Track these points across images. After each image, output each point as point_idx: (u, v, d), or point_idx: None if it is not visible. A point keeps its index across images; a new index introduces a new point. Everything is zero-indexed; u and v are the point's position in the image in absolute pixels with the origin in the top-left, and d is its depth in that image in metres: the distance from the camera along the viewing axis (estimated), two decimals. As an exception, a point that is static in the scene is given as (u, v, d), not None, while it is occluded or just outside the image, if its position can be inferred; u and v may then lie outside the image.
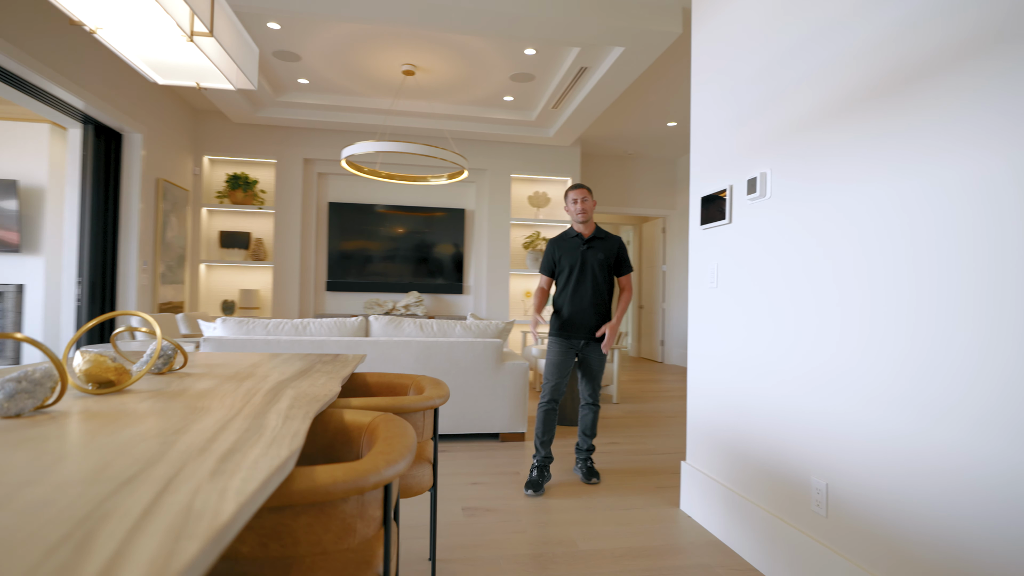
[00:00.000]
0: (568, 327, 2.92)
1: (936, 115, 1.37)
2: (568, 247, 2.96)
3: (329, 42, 4.80)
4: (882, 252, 1.52)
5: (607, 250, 2.94)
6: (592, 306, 2.90)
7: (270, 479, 0.72)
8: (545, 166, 7.29)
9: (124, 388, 1.31)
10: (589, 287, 2.90)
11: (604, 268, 2.92)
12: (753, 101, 2.12)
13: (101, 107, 4.80)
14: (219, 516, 0.57)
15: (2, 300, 6.49)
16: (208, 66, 1.64)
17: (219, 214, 6.93)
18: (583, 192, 2.92)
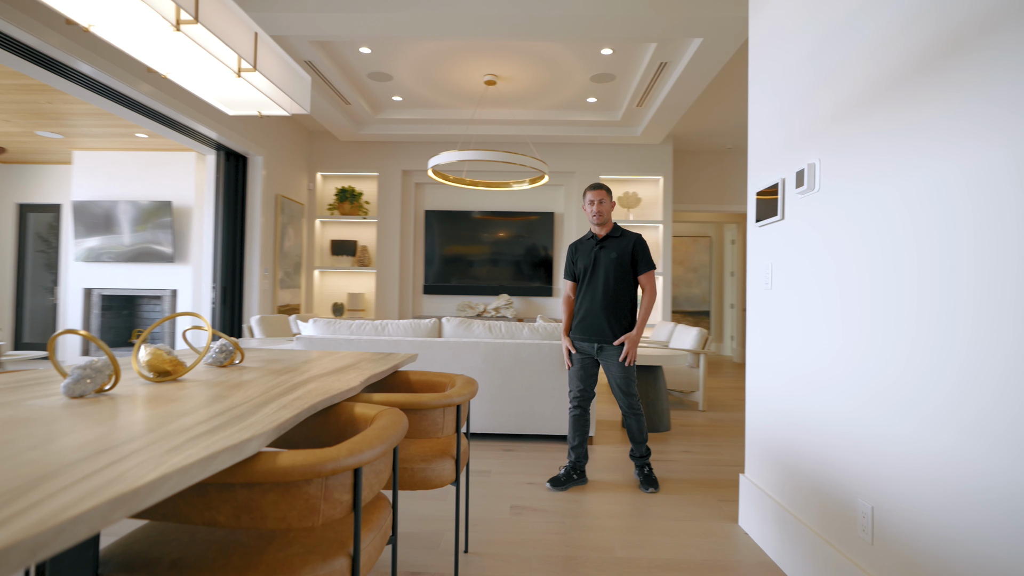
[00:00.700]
0: (577, 329, 2.86)
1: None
2: (584, 249, 2.89)
3: (416, 60, 5.11)
4: (940, 252, 1.35)
5: (621, 248, 2.80)
6: (602, 308, 2.78)
7: (211, 457, 0.84)
8: (635, 166, 7.13)
9: (178, 377, 1.54)
10: (600, 288, 2.79)
11: (618, 267, 2.78)
12: (803, 85, 1.96)
13: (230, 136, 5.51)
14: (136, 482, 0.69)
15: (160, 302, 7.66)
16: (261, 97, 1.87)
17: (330, 224, 7.61)
18: (600, 193, 2.82)
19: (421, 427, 1.69)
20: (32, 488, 0.65)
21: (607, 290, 2.78)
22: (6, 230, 8.15)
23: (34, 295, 8.27)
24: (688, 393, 5.11)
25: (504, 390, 3.62)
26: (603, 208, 2.81)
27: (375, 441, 1.12)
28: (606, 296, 2.78)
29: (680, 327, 5.30)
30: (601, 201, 2.81)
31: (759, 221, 2.27)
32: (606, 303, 2.78)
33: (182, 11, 1.35)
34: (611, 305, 2.78)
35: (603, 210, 2.81)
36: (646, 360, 3.98)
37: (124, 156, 7.42)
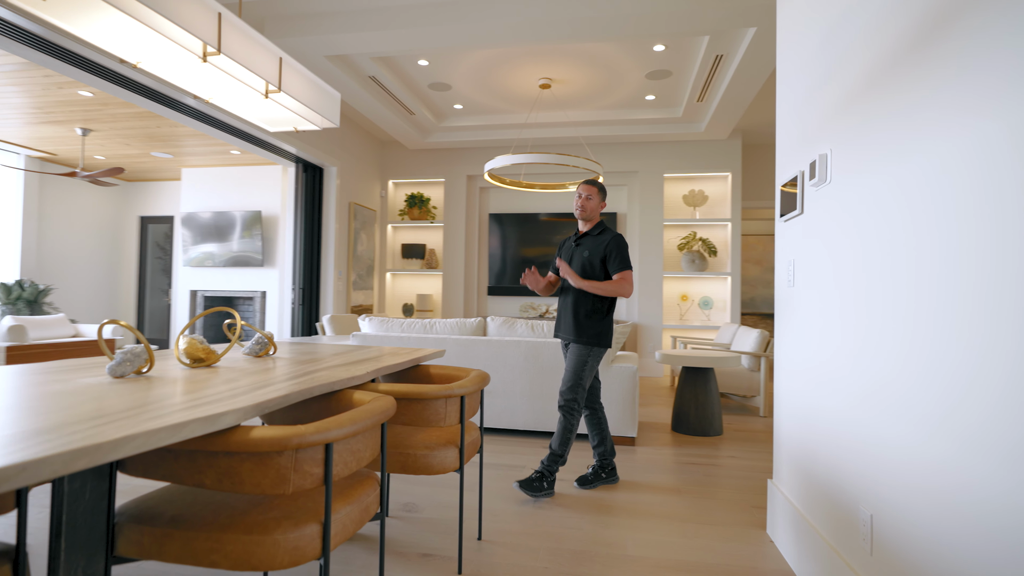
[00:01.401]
0: (557, 327, 2.86)
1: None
2: (566, 246, 2.90)
3: (471, 69, 5.29)
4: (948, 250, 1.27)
5: (593, 247, 2.75)
6: (571, 306, 2.76)
7: (181, 425, 0.99)
8: (700, 162, 6.91)
9: (210, 364, 1.75)
10: (571, 287, 2.78)
11: (588, 266, 2.74)
12: (815, 74, 1.87)
13: (307, 150, 5.98)
14: (97, 440, 0.85)
15: (252, 303, 8.42)
16: (292, 116, 2.08)
17: (401, 229, 8.01)
18: (590, 189, 2.78)
19: (424, 416, 1.80)
20: (35, 435, 0.83)
21: (576, 289, 2.75)
22: (131, 240, 9.30)
23: (152, 296, 9.36)
24: (748, 398, 4.89)
25: (545, 388, 3.67)
26: (587, 204, 2.76)
27: (346, 422, 1.24)
28: (572, 294, 2.76)
29: (742, 329, 5.08)
30: (588, 197, 2.77)
31: (783, 216, 2.18)
32: (573, 301, 2.76)
33: (207, 45, 1.56)
34: (577, 303, 2.74)
35: (587, 205, 2.76)
36: (695, 361, 3.88)
37: (222, 171, 8.25)
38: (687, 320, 7.08)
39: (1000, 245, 1.01)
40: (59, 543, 1.05)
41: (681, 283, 7.17)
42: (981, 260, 1.06)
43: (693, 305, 7.11)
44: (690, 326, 6.81)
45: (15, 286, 7.11)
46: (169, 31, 1.48)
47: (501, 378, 3.73)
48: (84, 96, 5.32)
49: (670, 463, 3.28)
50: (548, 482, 2.66)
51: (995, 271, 1.02)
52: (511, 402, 3.72)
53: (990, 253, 1.03)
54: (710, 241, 6.92)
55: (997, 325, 1.01)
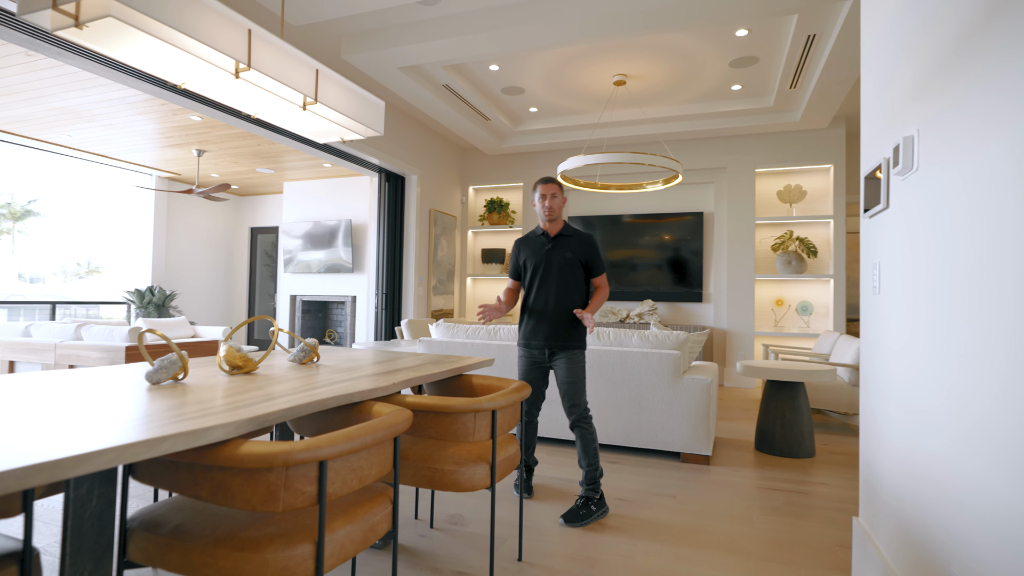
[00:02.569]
0: (531, 335, 2.66)
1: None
2: (533, 246, 2.70)
3: (543, 70, 5.21)
4: None
5: (575, 248, 2.63)
6: (556, 312, 2.60)
7: (159, 440, 0.99)
8: (797, 155, 6.32)
9: (248, 371, 1.80)
10: (553, 290, 2.61)
11: (572, 268, 2.61)
12: (904, 33, 1.58)
13: (389, 160, 6.20)
14: (87, 447, 0.85)
15: (344, 307, 8.89)
16: (336, 127, 2.11)
17: (481, 234, 8.09)
18: (552, 187, 2.64)
19: (452, 430, 1.74)
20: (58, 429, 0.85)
21: (561, 292, 2.61)
22: (243, 249, 10.20)
23: (261, 300, 10.20)
24: (848, 415, 4.36)
25: (610, 399, 3.49)
26: (555, 203, 2.65)
27: (340, 439, 1.20)
28: (560, 299, 2.61)
29: (843, 338, 4.55)
30: (553, 196, 2.64)
31: (867, 211, 1.88)
32: (561, 306, 2.61)
33: (239, 63, 1.61)
34: (566, 308, 2.61)
35: (555, 205, 2.65)
36: (781, 374, 3.50)
37: (317, 184, 8.81)
38: (782, 327, 6.50)
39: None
40: (65, 547, 1.09)
41: (775, 287, 6.59)
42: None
43: (789, 311, 6.51)
44: (786, 334, 6.24)
45: (147, 292, 8.03)
46: (200, 51, 1.54)
47: (565, 387, 3.59)
48: (194, 120, 5.88)
49: (747, 487, 2.97)
50: (596, 503, 2.52)
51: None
52: (575, 413, 3.57)
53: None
54: (809, 240, 6.30)
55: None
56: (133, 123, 5.98)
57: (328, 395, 1.48)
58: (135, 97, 5.21)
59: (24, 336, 5.30)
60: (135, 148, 7.05)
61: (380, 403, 1.59)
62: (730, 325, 6.53)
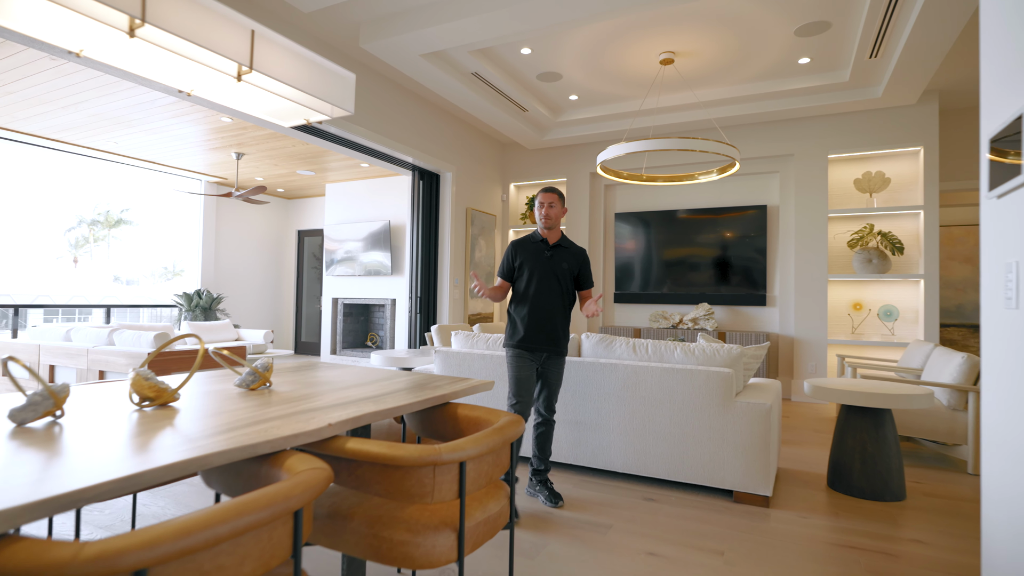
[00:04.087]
0: (530, 339, 2.71)
1: None
2: (531, 251, 2.76)
3: (581, 51, 4.72)
4: None
5: (572, 260, 2.78)
6: (556, 317, 2.72)
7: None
8: (878, 137, 5.50)
9: (164, 403, 1.46)
10: (554, 296, 2.72)
11: (568, 278, 2.77)
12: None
13: (422, 157, 5.89)
14: None
15: (384, 310, 8.71)
16: (289, 105, 1.75)
17: (523, 234, 7.67)
18: (552, 197, 2.74)
19: (403, 488, 1.32)
20: None
21: (559, 300, 2.74)
22: (290, 251, 10.26)
23: (308, 303, 10.22)
24: (948, 445, 3.62)
25: (648, 424, 2.98)
26: (553, 212, 2.74)
27: (166, 537, 0.80)
28: (560, 305, 2.74)
29: (939, 351, 3.80)
30: (551, 205, 2.73)
31: (993, 188, 1.31)
32: (560, 312, 2.74)
33: (133, 18, 1.26)
34: (564, 314, 2.76)
35: (553, 214, 2.74)
36: (863, 399, 2.87)
37: (357, 185, 8.67)
38: (862, 334, 5.69)
39: None
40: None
41: (853, 288, 5.78)
42: None
43: (870, 316, 5.69)
44: (865, 342, 5.43)
45: (194, 295, 8.14)
46: (83, 5, 1.21)
47: (595, 408, 3.11)
48: (225, 122, 5.79)
49: (817, 543, 2.39)
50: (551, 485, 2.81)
51: None
52: (606, 438, 3.08)
53: None
54: (893, 235, 5.47)
55: None
56: (170, 127, 5.98)
57: (216, 448, 1.10)
58: (163, 100, 5.14)
59: (65, 340, 5.36)
60: (180, 153, 7.11)
61: (301, 455, 1.20)
62: (798, 332, 5.79)
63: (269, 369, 1.76)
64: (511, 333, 2.75)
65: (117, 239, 14.29)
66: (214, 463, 1.08)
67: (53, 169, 7.98)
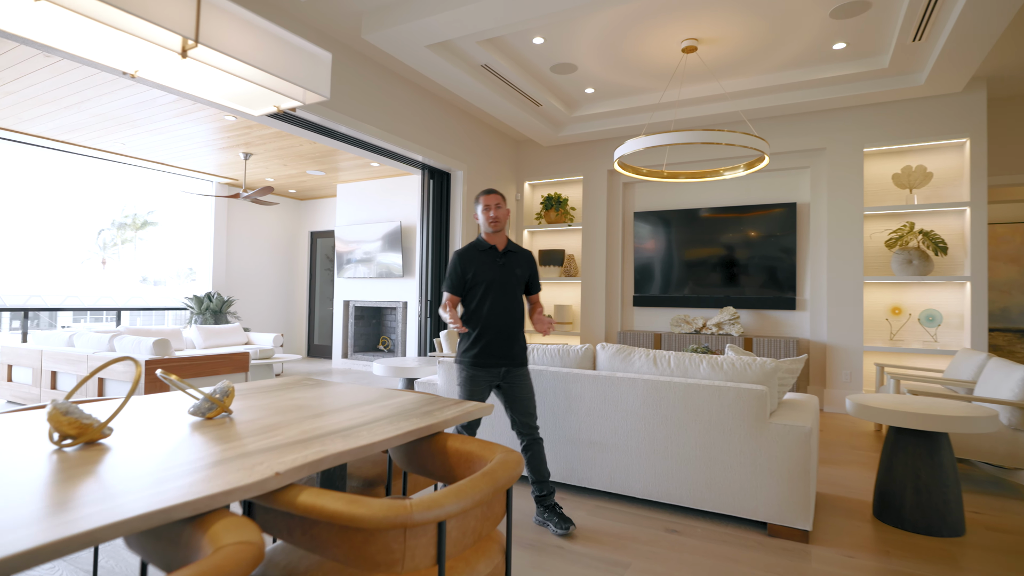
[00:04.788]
0: (488, 354, 2.53)
1: None
2: (482, 260, 2.57)
3: (597, 40, 4.44)
4: None
5: (523, 265, 2.65)
6: (513, 328, 2.56)
7: None
8: (919, 128, 5.11)
9: (90, 440, 1.23)
10: (511, 306, 2.56)
11: (520, 285, 2.63)
12: None
13: (432, 155, 5.66)
14: None
15: (396, 313, 8.50)
16: (249, 88, 1.50)
17: (538, 234, 7.40)
18: (496, 198, 2.56)
19: (366, 554, 1.07)
20: None
21: (515, 309, 2.59)
22: (303, 253, 10.13)
23: (321, 305, 10.07)
24: (1010, 470, 3.25)
25: (671, 446, 2.68)
26: (500, 214, 2.57)
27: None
28: (515, 315, 2.59)
29: (994, 362, 3.43)
30: (498, 206, 2.56)
31: None
32: (516, 323, 2.59)
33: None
34: (520, 324, 2.61)
35: (501, 216, 2.57)
36: (918, 422, 2.53)
37: (369, 185, 8.48)
38: (901, 341, 5.29)
39: None
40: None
41: (891, 291, 5.39)
42: None
43: (910, 321, 5.30)
44: (905, 349, 5.04)
45: (204, 298, 8.03)
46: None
47: (612, 427, 2.82)
48: (230, 121, 5.63)
49: None
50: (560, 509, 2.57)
51: None
52: (625, 459, 2.80)
53: None
54: (935, 234, 5.07)
55: None
56: (175, 127, 5.83)
57: (113, 518, 0.85)
58: (164, 98, 4.99)
59: (68, 346, 5.24)
60: (190, 154, 6.98)
61: (233, 520, 0.95)
62: (831, 338, 5.41)
63: (229, 395, 1.52)
64: (465, 348, 2.56)
65: (143, 240, 14.42)
66: (104, 538, 0.83)
67: (78, 174, 8.01)
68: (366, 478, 1.82)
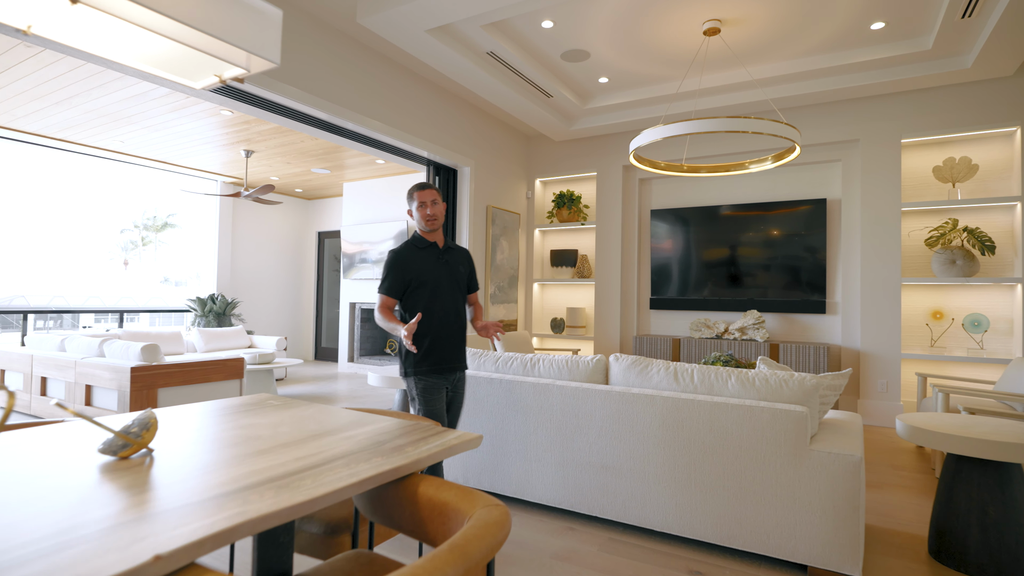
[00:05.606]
0: (442, 360, 2.38)
1: None
2: (423, 260, 2.41)
3: (611, 23, 4.11)
4: None
5: (464, 262, 2.55)
6: (458, 331, 2.44)
7: None
8: (963, 116, 4.69)
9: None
10: (457, 305, 2.45)
11: (463, 284, 2.50)
12: None
13: (438, 150, 5.37)
14: None
15: (403, 316, 8.23)
16: (187, 53, 1.22)
17: (550, 233, 7.08)
18: (432, 193, 2.40)
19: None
20: None
21: (460, 309, 2.48)
22: (310, 254, 9.92)
23: (328, 306, 9.85)
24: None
25: (696, 474, 2.35)
26: (438, 211, 2.42)
27: None
28: (460, 316, 2.48)
29: (1063, 376, 3.03)
30: (435, 202, 2.41)
31: None
32: (462, 324, 2.48)
33: None
34: (466, 324, 2.51)
35: (437, 213, 2.42)
36: (981, 449, 2.17)
37: (374, 183, 8.23)
38: (943, 348, 4.88)
39: None
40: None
41: (932, 294, 4.97)
42: None
43: (953, 326, 4.88)
44: (947, 357, 4.63)
45: (208, 300, 7.84)
46: None
47: (627, 450, 2.50)
48: (226, 116, 5.40)
49: None
50: None
51: None
52: (642, 487, 2.47)
53: None
54: (981, 232, 4.65)
55: None
56: (170, 123, 5.62)
57: None
58: (155, 92, 4.76)
59: (59, 350, 5.05)
60: (191, 152, 6.78)
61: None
62: (865, 344, 5.01)
63: (150, 428, 1.23)
64: (419, 358, 2.35)
65: (164, 244, 14.43)
66: None
67: (97, 177, 7.99)
68: (330, 522, 1.53)
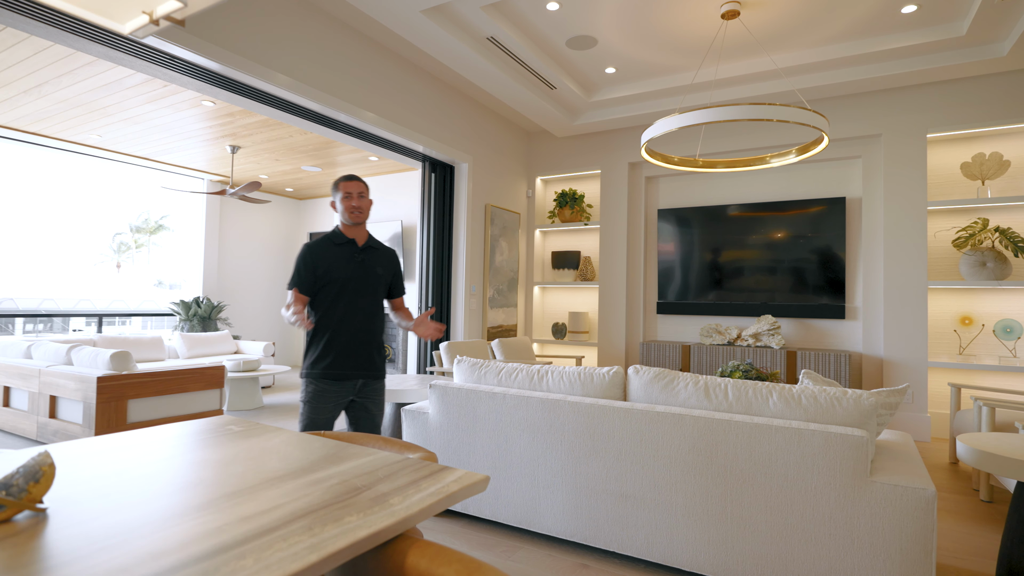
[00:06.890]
0: (341, 365, 2.22)
1: None
2: (336, 256, 2.26)
3: (620, 4, 3.80)
4: None
5: (386, 264, 2.37)
6: (373, 334, 2.29)
7: None
8: (996, 108, 4.40)
9: None
10: (370, 309, 2.29)
11: (382, 287, 2.34)
12: None
13: (434, 145, 5.05)
14: None
15: (397, 320, 7.89)
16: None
17: (551, 234, 6.77)
18: (359, 185, 2.27)
19: None
20: None
21: (375, 313, 2.32)
22: (301, 256, 9.57)
23: (321, 311, 9.49)
24: None
25: (732, 507, 2.02)
26: (364, 204, 2.27)
27: None
28: (377, 320, 2.33)
29: None
30: (361, 195, 2.27)
31: None
32: (380, 328, 2.34)
33: None
34: (380, 330, 2.35)
35: (364, 207, 2.27)
36: (1006, 470, 1.85)
37: (367, 182, 7.90)
38: (972, 356, 4.58)
39: None
40: None
41: (960, 298, 4.68)
42: None
43: (984, 332, 4.58)
44: (978, 366, 4.32)
45: (192, 303, 7.48)
46: None
47: (650, 477, 2.17)
48: (208, 107, 5.06)
49: None
50: None
51: None
52: (668, 520, 2.14)
53: None
54: (1014, 232, 4.36)
55: None
56: (148, 115, 5.28)
57: None
58: (130, 80, 4.43)
59: (25, 357, 4.69)
60: (173, 148, 6.44)
61: None
62: (889, 352, 4.71)
63: (40, 480, 0.90)
64: (315, 359, 2.22)
65: (157, 246, 14.17)
66: None
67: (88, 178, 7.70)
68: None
